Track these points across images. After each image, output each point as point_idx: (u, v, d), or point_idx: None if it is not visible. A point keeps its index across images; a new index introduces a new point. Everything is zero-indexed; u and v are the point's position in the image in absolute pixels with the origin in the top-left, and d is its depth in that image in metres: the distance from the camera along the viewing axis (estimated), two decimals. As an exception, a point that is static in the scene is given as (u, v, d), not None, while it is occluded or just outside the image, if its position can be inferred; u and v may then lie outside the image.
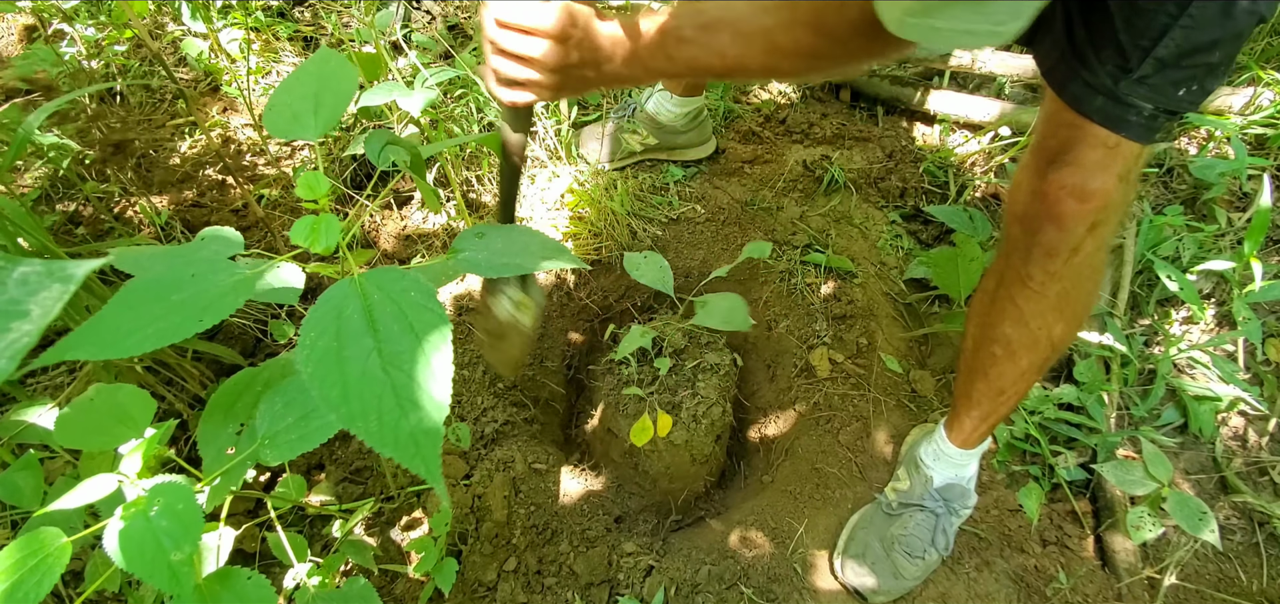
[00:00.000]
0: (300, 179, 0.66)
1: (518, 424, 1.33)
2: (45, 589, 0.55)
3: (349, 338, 0.55)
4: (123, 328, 0.53)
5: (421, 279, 0.58)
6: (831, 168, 1.77)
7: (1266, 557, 1.20)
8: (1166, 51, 0.68)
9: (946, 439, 1.13)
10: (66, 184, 1.57)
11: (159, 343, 0.53)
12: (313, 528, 1.17)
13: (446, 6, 2.22)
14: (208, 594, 0.61)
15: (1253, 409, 1.34)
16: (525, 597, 1.12)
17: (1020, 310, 0.92)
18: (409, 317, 0.56)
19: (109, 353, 0.52)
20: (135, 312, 0.55)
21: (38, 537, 0.57)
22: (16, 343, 0.38)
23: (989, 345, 0.99)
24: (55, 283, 0.40)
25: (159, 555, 0.55)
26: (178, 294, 0.56)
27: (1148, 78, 0.70)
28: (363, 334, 0.55)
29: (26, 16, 1.96)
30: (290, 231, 0.64)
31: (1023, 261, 0.89)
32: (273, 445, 0.63)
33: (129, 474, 0.62)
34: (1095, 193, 0.79)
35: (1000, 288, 0.95)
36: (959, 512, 1.14)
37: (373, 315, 0.57)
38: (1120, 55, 0.70)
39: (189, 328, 0.54)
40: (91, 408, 0.67)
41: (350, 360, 0.54)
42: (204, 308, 0.55)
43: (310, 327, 0.56)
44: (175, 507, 0.57)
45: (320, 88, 0.71)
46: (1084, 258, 0.85)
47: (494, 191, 1.69)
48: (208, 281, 0.58)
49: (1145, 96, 0.71)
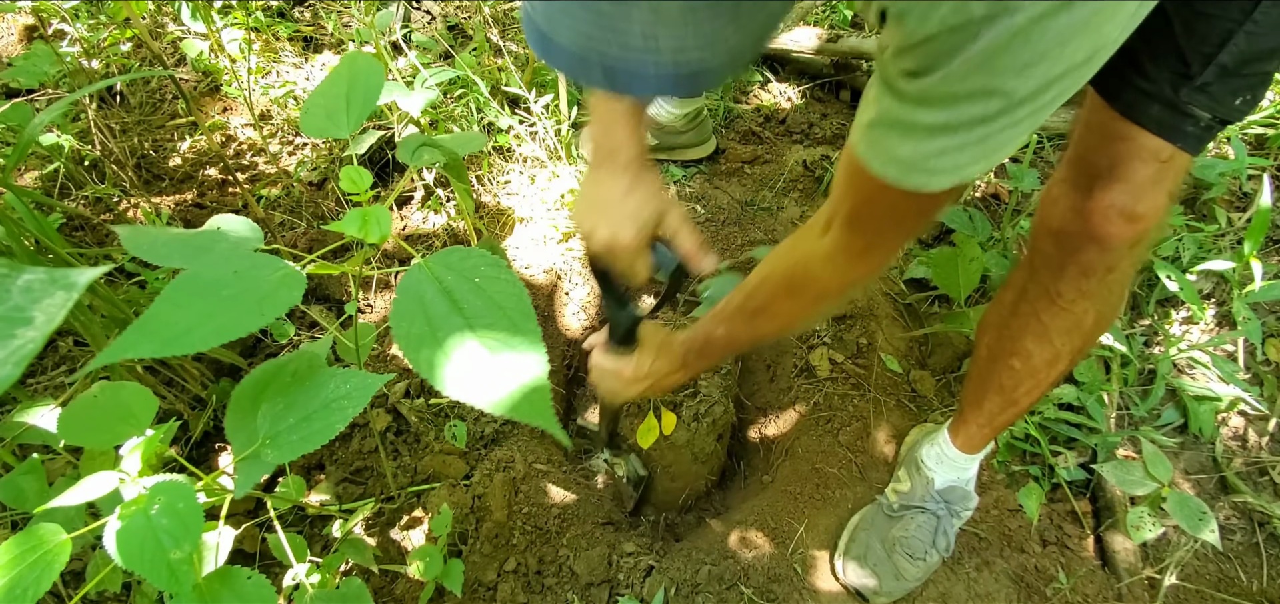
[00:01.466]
0: (343, 172, 0.69)
1: (518, 424, 1.33)
2: (44, 586, 0.55)
3: (438, 320, 0.59)
4: (179, 325, 0.54)
5: (488, 254, 0.62)
6: (831, 168, 1.77)
7: (1266, 557, 1.20)
8: (1230, 57, 0.65)
9: (950, 442, 1.12)
10: (67, 184, 1.57)
11: (220, 339, 0.54)
12: (313, 528, 1.17)
13: (446, 6, 2.22)
14: (207, 593, 0.61)
15: (1253, 409, 1.34)
16: (525, 597, 1.12)
17: (1044, 326, 0.89)
18: (486, 289, 0.60)
19: (169, 350, 0.53)
20: (186, 309, 0.55)
21: (37, 533, 0.57)
22: (21, 349, 0.38)
23: (1006, 359, 0.96)
24: (59, 290, 0.41)
25: (158, 553, 0.56)
26: (227, 290, 0.57)
27: (1210, 85, 0.67)
28: (450, 313, 0.60)
29: (26, 16, 1.96)
30: (335, 224, 0.66)
31: (1053, 278, 0.85)
32: (274, 445, 0.64)
33: (130, 472, 0.63)
34: (1145, 214, 0.75)
35: (1022, 301, 0.91)
36: (960, 513, 1.14)
37: (453, 295, 0.60)
38: (1181, 61, 0.67)
39: (251, 323, 0.56)
40: (94, 405, 0.67)
41: (446, 342, 0.58)
42: (259, 302, 0.57)
43: (399, 318, 0.59)
44: (175, 505, 0.57)
45: (351, 87, 0.73)
46: (1118, 275, 0.82)
47: (494, 192, 1.69)
48: (255, 278, 0.59)
49: (1205, 105, 0.69)
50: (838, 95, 2.03)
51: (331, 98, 0.73)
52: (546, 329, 1.51)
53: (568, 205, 1.64)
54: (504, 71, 1.85)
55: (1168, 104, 0.70)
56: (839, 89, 2.03)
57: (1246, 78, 0.67)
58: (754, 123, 1.92)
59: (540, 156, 1.68)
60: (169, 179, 1.67)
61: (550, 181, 1.68)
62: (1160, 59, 0.68)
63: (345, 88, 0.73)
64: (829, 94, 2.03)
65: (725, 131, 1.90)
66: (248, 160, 1.75)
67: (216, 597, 0.62)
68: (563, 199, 1.65)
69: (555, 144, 1.68)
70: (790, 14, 1.99)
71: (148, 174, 1.67)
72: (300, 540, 0.92)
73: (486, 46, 1.96)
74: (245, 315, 0.56)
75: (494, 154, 1.75)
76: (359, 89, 0.72)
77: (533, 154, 1.70)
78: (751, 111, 1.95)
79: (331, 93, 0.73)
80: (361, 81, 0.73)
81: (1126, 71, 0.70)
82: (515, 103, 1.81)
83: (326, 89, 0.74)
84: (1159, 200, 0.75)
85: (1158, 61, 0.68)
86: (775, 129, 1.93)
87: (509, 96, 1.80)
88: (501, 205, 1.67)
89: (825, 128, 1.90)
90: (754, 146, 1.87)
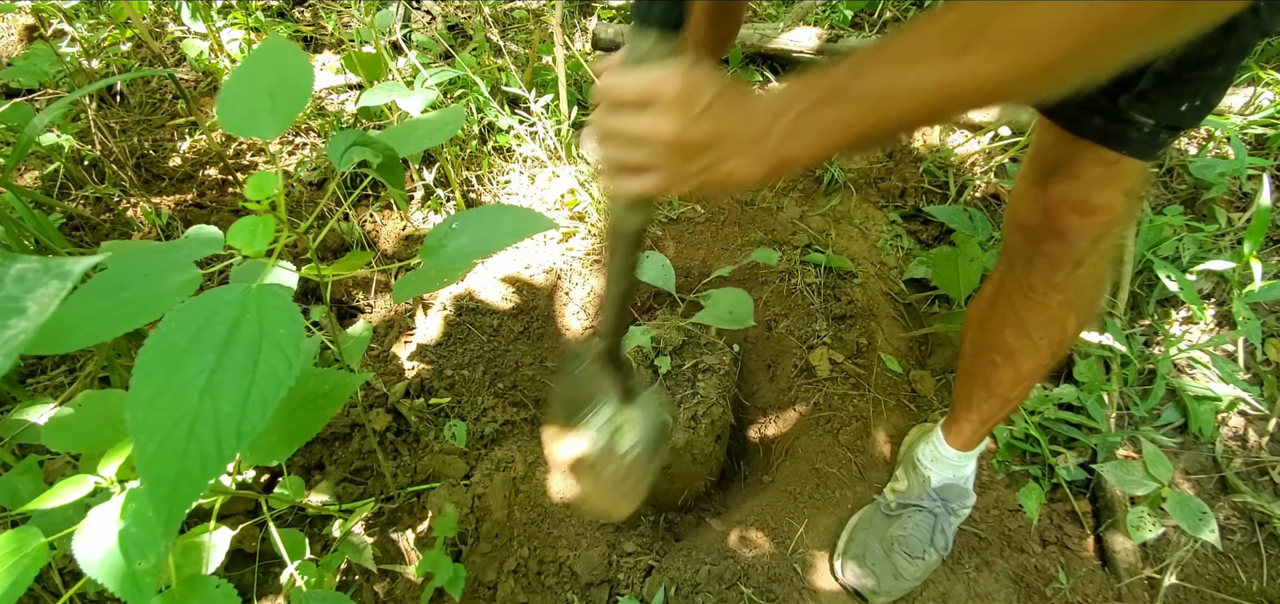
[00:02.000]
0: (249, 180, 0.63)
1: (518, 424, 1.33)
2: (21, 588, 0.54)
3: (198, 345, 0.50)
4: (67, 323, 0.53)
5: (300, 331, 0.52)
6: (831, 168, 1.77)
7: (1266, 557, 1.20)
8: (1166, 65, 0.64)
9: (944, 442, 1.13)
10: (67, 184, 1.57)
11: (92, 340, 0.53)
12: (313, 528, 1.17)
13: (446, 6, 2.22)
14: (177, 600, 0.61)
15: (1253, 409, 1.34)
16: (525, 597, 1.12)
17: (1021, 319, 0.90)
18: (263, 356, 0.50)
19: (48, 348, 0.52)
20: (83, 307, 0.55)
21: (21, 535, 0.57)
22: (14, 340, 0.38)
23: (989, 352, 0.97)
24: (52, 280, 0.40)
25: (123, 563, 0.55)
26: (126, 292, 0.56)
27: (1148, 93, 0.66)
28: (210, 349, 0.50)
29: (26, 16, 1.96)
30: (227, 233, 0.61)
31: (1025, 271, 0.86)
32: (252, 449, 0.63)
33: (108, 477, 0.62)
34: (1099, 208, 0.76)
35: (1000, 295, 0.93)
36: (957, 511, 1.14)
37: (234, 335, 0.51)
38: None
39: (124, 325, 0.53)
40: (80, 413, 0.67)
41: (183, 368, 0.49)
42: (144, 306, 0.55)
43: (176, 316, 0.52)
44: (145, 515, 0.57)
45: (276, 82, 0.67)
46: (1088, 269, 0.83)
47: (494, 192, 1.69)
48: (157, 282, 0.57)
49: (1145, 111, 0.68)
50: (838, 95, 2.03)
51: (253, 91, 0.67)
52: (546, 329, 1.51)
53: (568, 204, 1.64)
54: (504, 71, 1.85)
55: (1107, 114, 0.69)
56: (839, 89, 2.03)
57: (1189, 84, 0.66)
58: (754, 123, 1.92)
59: (540, 156, 1.68)
60: (169, 179, 1.67)
61: (550, 181, 1.68)
62: None
63: (269, 82, 0.67)
64: (829, 94, 2.03)
65: (725, 131, 1.90)
66: (248, 160, 1.75)
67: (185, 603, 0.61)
68: (563, 199, 1.65)
69: (555, 144, 1.68)
70: (790, 14, 1.99)
71: (148, 174, 1.67)
72: (299, 540, 0.92)
73: (486, 46, 1.96)
74: (122, 318, 0.54)
75: (494, 154, 1.75)
76: (285, 85, 0.67)
77: (533, 154, 1.70)
78: (751, 111, 1.95)
79: (251, 86, 0.67)
80: (288, 77, 0.67)
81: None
82: (515, 103, 1.81)
83: (243, 80, 0.68)
84: (1113, 196, 0.75)
85: None
86: (775, 129, 1.92)
87: (509, 96, 1.80)
88: (501, 205, 1.67)
89: (825, 128, 1.90)
90: (754, 146, 1.87)
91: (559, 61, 1.58)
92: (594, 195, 1.61)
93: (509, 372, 1.41)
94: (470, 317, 1.44)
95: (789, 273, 1.55)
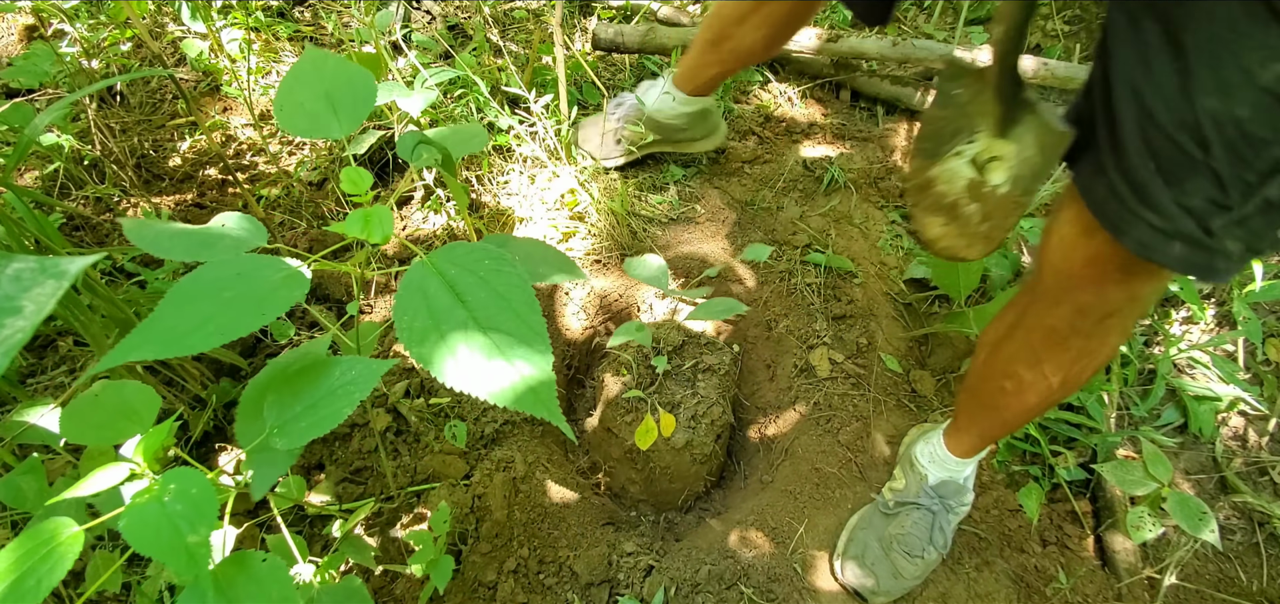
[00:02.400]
0: (344, 174, 0.68)
1: (518, 424, 1.33)
2: (57, 577, 0.54)
3: (441, 314, 0.59)
4: (181, 326, 0.55)
5: (492, 248, 0.62)
6: (831, 168, 1.77)
7: (1266, 557, 1.20)
8: (1278, 191, 0.55)
9: (944, 446, 1.12)
10: (67, 184, 1.57)
11: (221, 339, 0.55)
12: (313, 528, 1.17)
13: (446, 6, 2.22)
14: (222, 578, 0.61)
15: (1253, 409, 1.34)
16: (525, 597, 1.12)
17: (1037, 355, 0.86)
18: (491, 282, 0.60)
19: (171, 351, 0.54)
20: (189, 310, 0.56)
21: (45, 527, 0.57)
22: (10, 339, 0.38)
23: (999, 379, 0.93)
24: (49, 279, 0.40)
25: (175, 537, 0.56)
26: (230, 291, 0.58)
27: (1250, 219, 0.57)
28: (454, 307, 0.59)
29: (26, 16, 1.96)
30: (337, 224, 0.66)
31: (1049, 310, 0.81)
32: (282, 433, 0.64)
33: (138, 463, 0.63)
34: (1146, 277, 0.69)
35: (1019, 328, 0.88)
36: (956, 509, 1.14)
37: (456, 289, 0.60)
38: (1217, 187, 0.56)
39: (252, 323, 0.56)
40: (97, 404, 0.67)
41: (450, 336, 0.58)
42: (260, 303, 0.57)
43: (402, 312, 0.59)
44: (189, 491, 0.58)
45: (332, 88, 0.72)
46: (1117, 321, 0.78)
47: (494, 192, 1.69)
48: (257, 278, 0.59)
49: (1240, 237, 0.58)
50: (838, 95, 2.03)
51: (310, 96, 0.71)
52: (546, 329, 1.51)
53: (568, 204, 1.64)
54: (504, 71, 1.85)
55: (1192, 242, 0.59)
56: (839, 89, 2.03)
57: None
58: (754, 123, 1.92)
59: (540, 157, 1.68)
60: (169, 179, 1.67)
61: (550, 181, 1.68)
62: (1188, 185, 0.57)
63: (325, 87, 0.72)
64: (829, 94, 2.03)
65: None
66: (248, 160, 1.75)
67: (231, 581, 0.61)
68: (563, 199, 1.65)
69: (555, 144, 1.68)
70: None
71: (148, 174, 1.67)
72: (299, 540, 0.92)
73: (486, 46, 1.96)
74: (246, 316, 0.56)
75: (494, 154, 1.75)
76: (347, 93, 0.72)
77: (533, 154, 1.70)
78: (751, 111, 1.95)
79: (307, 90, 0.72)
80: (350, 86, 0.72)
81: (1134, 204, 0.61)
82: (515, 103, 1.81)
83: (297, 85, 0.72)
84: (1161, 277, 0.70)
85: (1186, 187, 0.57)
86: (775, 129, 1.93)
87: (509, 96, 1.80)
88: (501, 205, 1.67)
89: (825, 128, 1.90)
90: (754, 146, 1.87)
91: (559, 61, 1.58)
92: (594, 195, 1.61)
93: (509, 371, 1.41)
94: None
95: (789, 273, 1.55)
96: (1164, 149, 0.57)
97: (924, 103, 1.90)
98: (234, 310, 0.57)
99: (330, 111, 0.71)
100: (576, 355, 1.55)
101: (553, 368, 0.60)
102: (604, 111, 1.72)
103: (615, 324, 1.59)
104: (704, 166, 1.80)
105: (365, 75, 0.74)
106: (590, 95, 1.94)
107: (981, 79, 0.73)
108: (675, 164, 1.79)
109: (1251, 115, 0.52)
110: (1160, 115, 0.56)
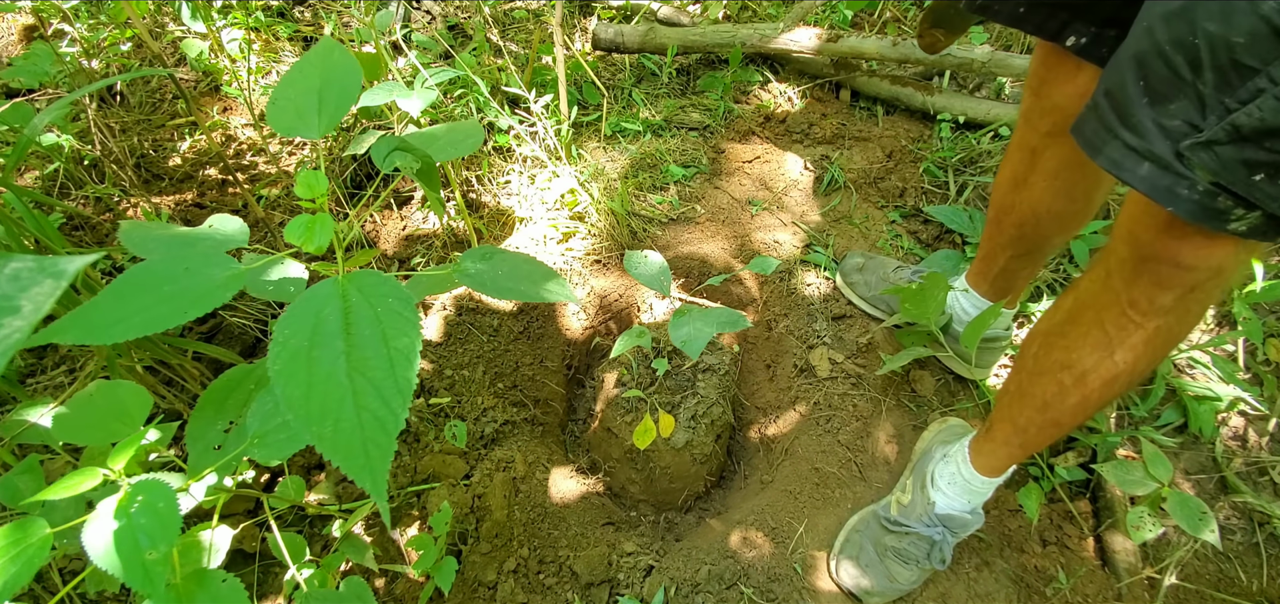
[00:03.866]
0: (299, 177, 0.65)
1: (518, 424, 1.33)
2: (25, 579, 0.54)
3: (321, 338, 0.55)
4: (111, 315, 0.54)
5: (402, 288, 0.57)
6: (831, 168, 1.77)
7: (1266, 557, 1.20)
8: (1248, 119, 0.55)
9: (969, 463, 1.06)
10: (67, 184, 1.57)
11: (143, 331, 0.53)
12: (312, 528, 1.17)
13: (446, 6, 2.22)
14: (182, 594, 0.61)
15: (1253, 409, 1.34)
16: (525, 597, 1.12)
17: (1108, 337, 0.79)
18: (383, 324, 0.55)
19: (94, 338, 0.52)
20: (126, 300, 0.55)
21: (24, 527, 0.57)
22: (8, 339, 0.37)
23: (1056, 372, 0.86)
24: (47, 278, 0.40)
25: (134, 552, 0.55)
26: (170, 285, 0.56)
27: (1218, 144, 0.57)
28: (335, 336, 0.55)
29: (26, 16, 1.96)
30: (285, 230, 0.64)
31: (1126, 284, 0.75)
32: (263, 444, 0.63)
33: (116, 469, 0.63)
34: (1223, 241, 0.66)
35: (1085, 309, 0.82)
36: (959, 534, 1.12)
37: (349, 318, 0.56)
38: (1198, 109, 0.58)
39: (174, 319, 0.54)
40: (91, 404, 0.67)
41: (318, 361, 0.53)
42: (192, 300, 0.56)
43: (286, 323, 0.55)
44: (155, 505, 0.57)
45: (324, 84, 0.70)
46: (1199, 295, 0.72)
47: (494, 192, 1.69)
48: (201, 275, 0.58)
49: (1207, 165, 0.58)
50: (837, 95, 2.03)
51: (301, 92, 0.69)
52: (546, 329, 1.51)
53: (568, 204, 1.64)
54: (504, 71, 1.85)
55: (1161, 163, 0.61)
56: (839, 89, 2.03)
57: (1268, 152, 0.56)
58: (754, 123, 1.92)
59: (540, 157, 1.68)
60: (169, 179, 1.67)
61: (550, 182, 1.68)
62: (1171, 105, 0.59)
63: (318, 83, 0.70)
64: (829, 94, 2.03)
65: (725, 131, 1.90)
66: (248, 160, 1.75)
67: (190, 597, 0.61)
68: (562, 199, 1.65)
69: (555, 144, 1.68)
70: (790, 14, 1.99)
71: (148, 174, 1.67)
72: (300, 540, 0.92)
73: (486, 46, 1.96)
74: (173, 311, 0.55)
75: (494, 154, 1.75)
76: (334, 87, 0.69)
77: (533, 154, 1.70)
78: (751, 111, 1.95)
79: (301, 87, 0.70)
80: (337, 79, 0.70)
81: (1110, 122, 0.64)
82: (515, 103, 1.81)
83: (295, 81, 0.70)
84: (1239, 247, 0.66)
85: (1167, 108, 0.59)
86: (775, 129, 1.93)
87: (509, 96, 1.80)
88: (501, 205, 1.67)
89: (825, 128, 1.90)
90: (754, 146, 1.87)
91: (559, 61, 1.58)
92: (593, 195, 1.61)
93: (509, 372, 1.41)
94: (470, 317, 1.44)
95: (789, 273, 1.55)
96: (1156, 67, 0.59)
97: (923, 102, 1.90)
98: (169, 304, 0.55)
99: (316, 108, 0.69)
100: (576, 355, 1.55)
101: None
102: (605, 112, 1.71)
103: (615, 324, 1.59)
104: (704, 167, 1.80)
105: (353, 68, 0.71)
106: (590, 95, 1.94)
107: None
108: (675, 165, 1.79)
109: (1245, 42, 0.54)
110: (1159, 32, 0.59)
